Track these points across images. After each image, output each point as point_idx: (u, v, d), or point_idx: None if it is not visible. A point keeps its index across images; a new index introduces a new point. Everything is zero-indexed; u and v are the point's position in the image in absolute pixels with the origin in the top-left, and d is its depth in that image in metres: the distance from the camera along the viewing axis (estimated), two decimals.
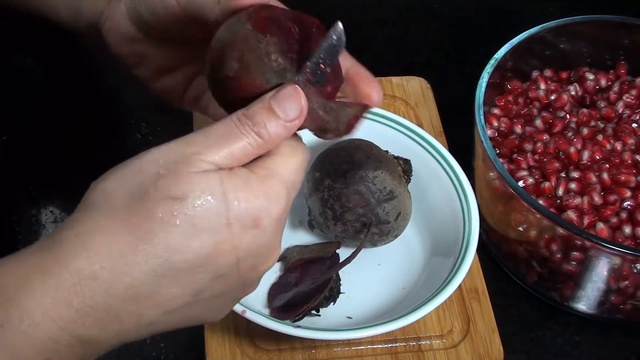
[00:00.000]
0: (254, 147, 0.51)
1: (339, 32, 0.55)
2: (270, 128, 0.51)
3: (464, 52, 1.04)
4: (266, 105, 0.51)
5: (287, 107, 0.51)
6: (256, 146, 0.51)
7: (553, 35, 0.88)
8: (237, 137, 0.50)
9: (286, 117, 0.51)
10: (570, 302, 0.80)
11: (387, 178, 0.74)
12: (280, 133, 0.51)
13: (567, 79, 0.91)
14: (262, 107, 0.51)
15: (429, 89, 0.94)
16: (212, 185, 0.48)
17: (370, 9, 1.09)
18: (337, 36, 0.55)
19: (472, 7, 1.11)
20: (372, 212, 0.73)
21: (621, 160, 0.81)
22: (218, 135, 0.50)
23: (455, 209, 0.77)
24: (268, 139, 0.51)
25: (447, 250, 0.76)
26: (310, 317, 0.73)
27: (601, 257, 0.73)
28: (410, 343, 0.75)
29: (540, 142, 0.83)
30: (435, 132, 0.89)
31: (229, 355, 0.73)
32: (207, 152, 0.49)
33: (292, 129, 0.52)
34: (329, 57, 0.55)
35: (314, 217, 0.77)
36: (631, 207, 0.78)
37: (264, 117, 0.51)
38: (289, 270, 0.77)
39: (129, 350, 0.76)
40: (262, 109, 0.51)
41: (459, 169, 0.78)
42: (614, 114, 0.86)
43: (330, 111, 0.55)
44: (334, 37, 0.55)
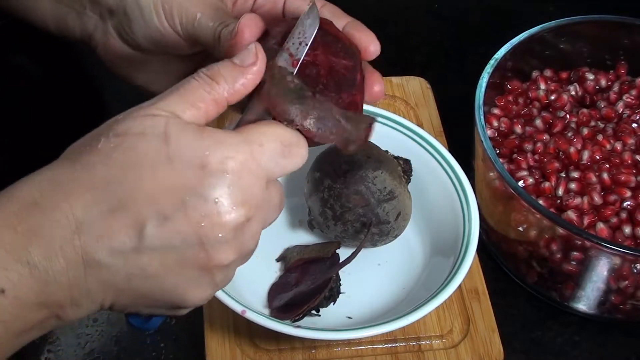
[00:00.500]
0: (210, 92, 0.51)
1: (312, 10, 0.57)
2: (224, 72, 0.51)
3: (464, 52, 1.04)
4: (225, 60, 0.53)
5: (244, 56, 0.52)
6: (212, 91, 0.51)
7: (553, 35, 0.88)
8: (193, 86, 0.51)
9: (241, 62, 0.52)
10: (570, 302, 0.80)
11: (387, 178, 0.74)
12: (234, 76, 0.51)
13: (567, 79, 0.91)
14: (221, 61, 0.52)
15: (429, 89, 0.94)
16: (155, 124, 0.49)
17: (370, 9, 1.09)
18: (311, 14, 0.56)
19: (472, 7, 1.11)
20: (372, 212, 0.73)
21: (621, 160, 0.81)
22: (176, 86, 0.51)
23: (455, 209, 0.77)
24: (222, 82, 0.51)
25: (447, 250, 0.76)
26: (310, 317, 0.73)
27: (601, 257, 0.73)
28: (410, 343, 0.75)
29: (540, 142, 0.83)
30: (435, 132, 0.89)
31: (229, 355, 0.73)
32: (162, 102, 0.50)
33: (246, 72, 0.52)
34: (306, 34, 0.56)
35: (314, 217, 0.77)
36: (631, 207, 0.78)
37: (219, 66, 0.52)
38: (289, 270, 0.77)
39: (129, 350, 0.76)
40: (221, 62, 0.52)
41: (459, 169, 0.78)
42: (614, 114, 0.86)
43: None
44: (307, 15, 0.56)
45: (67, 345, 0.76)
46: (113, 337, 0.77)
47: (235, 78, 0.52)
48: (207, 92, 0.51)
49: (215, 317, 0.75)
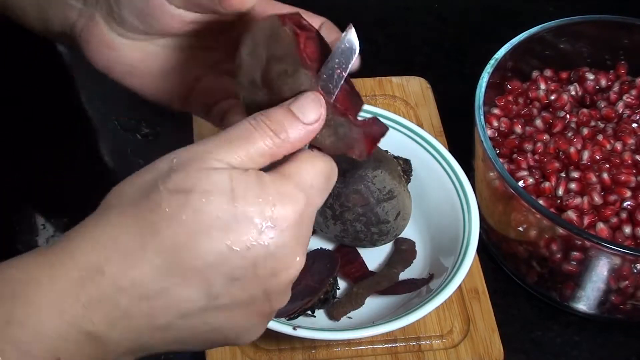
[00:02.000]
0: (271, 147, 0.49)
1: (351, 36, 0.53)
2: (288, 128, 0.50)
3: (464, 52, 1.04)
4: (285, 108, 0.50)
5: (306, 109, 0.50)
6: (273, 146, 0.49)
7: (553, 35, 0.88)
8: (254, 137, 0.49)
9: (304, 119, 0.50)
10: (570, 302, 0.80)
11: (386, 177, 0.74)
12: (298, 135, 0.50)
13: (567, 79, 0.91)
14: (281, 109, 0.50)
15: (429, 89, 0.94)
16: (219, 180, 0.47)
17: (370, 9, 1.09)
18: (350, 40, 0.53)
19: (472, 7, 1.11)
20: (372, 211, 0.73)
21: (621, 160, 0.81)
22: (234, 136, 0.49)
23: (455, 209, 0.77)
24: (285, 138, 0.49)
25: (447, 250, 0.76)
26: (306, 317, 0.73)
27: (601, 257, 0.73)
28: (410, 343, 0.75)
29: (540, 142, 0.83)
30: (435, 132, 0.89)
31: (229, 355, 0.73)
32: (221, 151, 0.48)
33: (311, 132, 0.50)
34: (343, 62, 0.53)
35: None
36: (631, 207, 0.78)
37: (281, 117, 0.50)
38: None
39: None
40: (281, 110, 0.50)
41: (459, 169, 0.78)
42: (614, 114, 0.86)
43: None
44: (346, 41, 0.53)
45: None
46: None
47: (297, 137, 0.50)
48: (268, 147, 0.49)
49: None
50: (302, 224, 0.49)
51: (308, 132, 0.50)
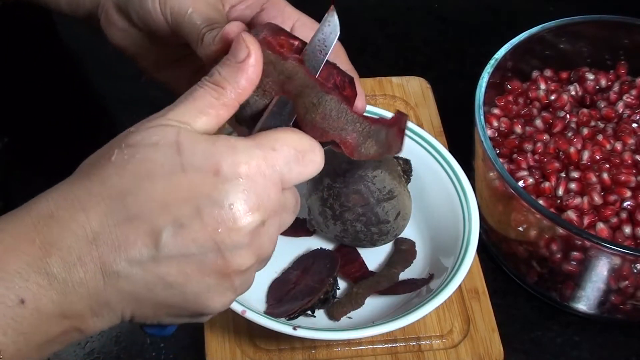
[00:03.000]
0: (216, 97, 0.51)
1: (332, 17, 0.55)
2: (225, 74, 0.52)
3: (464, 52, 1.04)
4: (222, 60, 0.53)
5: (235, 51, 0.52)
6: (217, 95, 0.51)
7: (553, 35, 0.88)
8: (198, 93, 0.51)
9: (236, 59, 0.52)
10: (570, 302, 0.80)
11: (386, 177, 0.74)
12: (235, 75, 0.51)
13: (567, 79, 0.91)
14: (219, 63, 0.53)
15: (429, 89, 0.94)
16: (167, 134, 0.49)
17: (370, 9, 1.09)
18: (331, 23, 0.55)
19: (472, 7, 1.11)
20: (372, 211, 0.73)
21: (621, 160, 0.81)
22: (184, 97, 0.52)
23: (455, 209, 0.77)
24: (226, 85, 0.51)
25: (447, 250, 0.76)
26: (306, 317, 0.73)
27: (601, 257, 0.73)
28: (410, 343, 0.75)
29: (540, 142, 0.83)
30: (435, 132, 0.89)
31: (229, 355, 0.73)
32: (172, 111, 0.51)
33: (247, 68, 0.52)
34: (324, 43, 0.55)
35: (313, 216, 0.77)
36: (631, 207, 0.78)
37: (217, 68, 0.52)
38: (291, 268, 0.77)
39: (129, 350, 0.76)
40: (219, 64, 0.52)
41: (459, 169, 0.78)
42: (614, 114, 0.86)
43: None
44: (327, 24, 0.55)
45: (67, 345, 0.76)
46: (113, 337, 0.77)
47: (237, 78, 0.52)
48: (215, 97, 0.51)
49: (215, 317, 0.74)
50: (254, 178, 0.50)
51: (245, 70, 0.52)
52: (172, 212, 0.48)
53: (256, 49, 0.52)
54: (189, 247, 0.49)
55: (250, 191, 0.49)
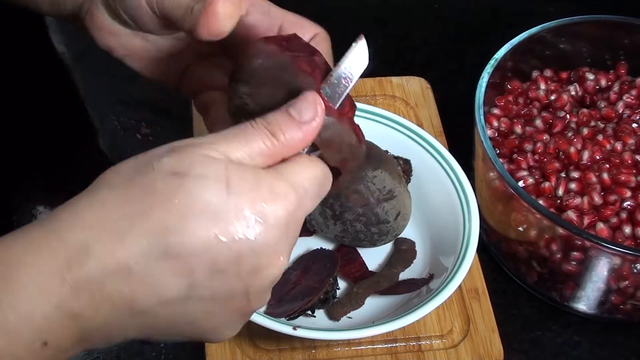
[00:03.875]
0: (269, 147, 0.49)
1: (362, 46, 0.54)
2: (285, 128, 0.50)
3: (464, 52, 1.04)
4: (282, 109, 0.50)
5: (302, 109, 0.50)
6: (271, 146, 0.49)
7: (553, 35, 0.88)
8: (252, 137, 0.49)
9: (301, 118, 0.50)
10: (570, 302, 0.80)
11: (386, 177, 0.74)
12: (295, 135, 0.50)
13: (567, 79, 0.91)
14: (278, 111, 0.50)
15: (429, 89, 0.94)
16: (216, 167, 0.47)
17: (370, 9, 1.09)
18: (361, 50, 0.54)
19: (472, 7, 1.11)
20: (372, 211, 0.73)
21: (621, 160, 0.81)
22: (233, 133, 0.49)
23: (455, 209, 0.77)
24: (282, 139, 0.49)
25: (447, 250, 0.76)
26: (306, 317, 0.73)
27: (601, 257, 0.73)
28: (410, 343, 0.75)
29: (540, 142, 0.83)
30: (435, 132, 0.89)
31: (229, 355, 0.73)
32: (220, 144, 0.48)
33: (308, 131, 0.50)
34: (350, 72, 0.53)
35: (313, 217, 0.77)
36: (631, 207, 0.78)
37: (278, 119, 0.50)
38: (291, 268, 0.77)
39: (129, 350, 0.76)
40: (278, 112, 0.50)
41: (459, 169, 0.78)
42: (614, 114, 0.86)
43: None
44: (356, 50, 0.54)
45: None
46: None
47: (294, 135, 0.50)
48: (267, 146, 0.49)
49: None
50: (290, 224, 0.49)
51: (305, 132, 0.50)
52: (212, 255, 0.47)
53: (322, 114, 0.51)
54: (220, 290, 0.48)
55: (284, 238, 0.49)
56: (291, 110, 0.50)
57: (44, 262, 0.45)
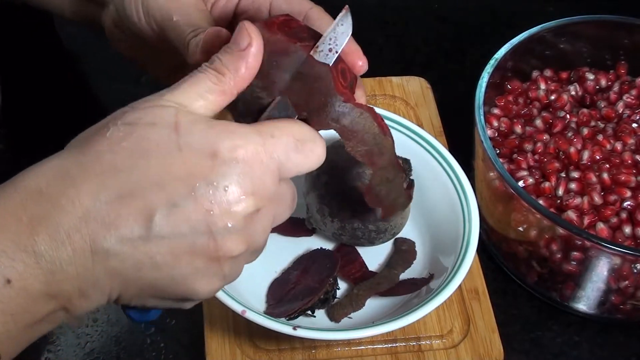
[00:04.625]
0: (215, 82, 0.51)
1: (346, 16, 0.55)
2: (226, 61, 0.51)
3: (464, 52, 1.04)
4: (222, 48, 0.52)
5: (237, 39, 0.52)
6: (218, 82, 0.51)
7: (553, 35, 0.88)
8: (198, 78, 0.51)
9: (238, 47, 0.52)
10: (570, 302, 0.80)
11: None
12: (237, 64, 0.51)
13: (567, 79, 0.91)
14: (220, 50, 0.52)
15: (429, 89, 0.94)
16: (165, 114, 0.49)
17: (370, 9, 1.09)
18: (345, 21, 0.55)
19: (472, 7, 1.11)
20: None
21: (621, 160, 0.81)
22: (182, 82, 0.51)
23: (455, 209, 0.77)
24: (227, 73, 0.51)
25: (447, 250, 0.76)
26: (306, 317, 0.73)
27: (601, 257, 0.73)
28: (410, 343, 0.75)
29: (540, 142, 0.83)
30: (435, 132, 0.89)
31: (229, 355, 0.73)
32: (170, 93, 0.50)
33: (249, 58, 0.51)
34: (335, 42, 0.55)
35: (311, 214, 0.77)
36: (631, 207, 0.78)
37: (219, 56, 0.52)
38: (291, 268, 0.77)
39: (129, 350, 0.76)
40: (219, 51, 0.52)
41: (459, 169, 0.78)
42: (614, 114, 0.86)
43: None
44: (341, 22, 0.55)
45: (67, 345, 0.76)
46: (113, 337, 0.77)
47: (237, 65, 0.51)
48: (214, 83, 0.51)
49: (215, 317, 0.75)
50: (251, 163, 0.49)
51: (246, 58, 0.51)
52: (166, 192, 0.48)
53: (257, 38, 0.52)
54: (180, 227, 0.48)
55: (247, 176, 0.49)
56: (229, 44, 0.52)
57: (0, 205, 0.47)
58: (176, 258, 0.49)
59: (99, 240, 0.47)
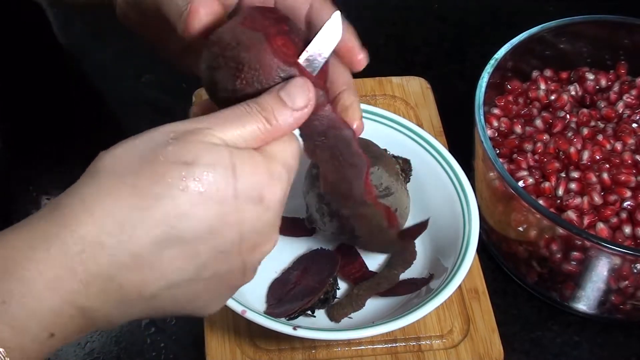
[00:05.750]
0: (262, 132, 0.51)
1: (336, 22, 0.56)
2: (278, 115, 0.51)
3: (464, 52, 1.04)
4: (274, 94, 0.52)
5: (294, 95, 0.52)
6: (264, 131, 0.51)
7: (553, 35, 0.88)
8: (247, 120, 0.51)
9: (294, 105, 0.52)
10: (570, 302, 0.80)
11: (383, 174, 0.74)
12: (288, 121, 0.52)
13: (567, 79, 0.91)
14: (270, 95, 0.52)
15: (429, 89, 0.94)
16: (221, 155, 0.48)
17: (370, 9, 1.09)
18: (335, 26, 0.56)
19: (472, 7, 1.11)
20: None
21: (621, 160, 0.81)
22: (228, 117, 0.51)
23: (455, 209, 0.77)
24: (276, 125, 0.51)
25: (447, 250, 0.76)
26: (306, 317, 0.73)
27: (601, 257, 0.73)
28: (410, 343, 0.75)
29: (540, 142, 0.83)
30: (435, 132, 0.89)
31: (229, 355, 0.73)
32: (218, 129, 0.50)
33: (300, 117, 0.52)
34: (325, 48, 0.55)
35: (310, 213, 0.77)
36: (631, 207, 0.78)
37: (272, 104, 0.51)
38: (291, 268, 0.77)
39: (129, 350, 0.76)
40: (270, 97, 0.52)
41: (459, 169, 0.78)
42: (614, 114, 0.86)
43: None
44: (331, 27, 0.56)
45: (67, 345, 0.76)
46: (113, 337, 0.77)
47: (286, 121, 0.52)
48: (260, 130, 0.51)
49: (215, 317, 0.75)
50: (283, 201, 0.52)
51: (297, 118, 0.52)
52: (218, 238, 0.49)
53: (313, 100, 0.53)
54: (221, 268, 0.50)
55: (279, 214, 0.52)
56: (283, 95, 0.52)
57: (54, 257, 0.45)
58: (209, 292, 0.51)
59: (149, 286, 0.48)
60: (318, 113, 0.55)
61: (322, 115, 0.56)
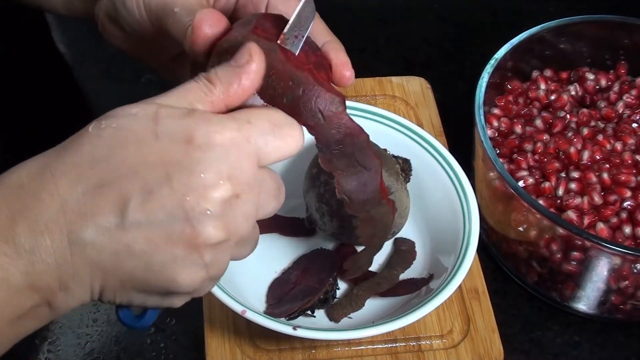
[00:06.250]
0: (207, 93, 0.51)
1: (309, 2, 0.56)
2: (221, 74, 0.51)
3: (464, 52, 1.04)
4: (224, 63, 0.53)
5: (237, 54, 0.52)
6: (209, 93, 0.51)
7: (553, 35, 0.88)
8: (191, 86, 0.51)
9: (236, 62, 0.52)
10: (570, 302, 0.80)
11: (383, 174, 0.73)
12: (232, 79, 0.51)
13: (567, 79, 0.91)
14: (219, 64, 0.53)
15: (429, 89, 0.94)
16: (146, 107, 0.50)
17: (370, 9, 1.09)
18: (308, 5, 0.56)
19: (472, 7, 1.11)
20: None
21: (621, 160, 0.81)
22: (174, 89, 0.52)
23: (455, 209, 0.77)
24: (219, 85, 0.51)
25: (447, 250, 0.76)
26: (306, 317, 0.73)
27: (601, 257, 0.73)
28: (410, 343, 0.75)
29: (540, 142, 0.83)
30: (435, 132, 0.89)
31: (229, 355, 0.73)
32: (161, 98, 0.51)
33: (241, 74, 0.51)
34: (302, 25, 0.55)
35: (310, 213, 0.77)
36: (631, 207, 0.78)
37: (217, 69, 0.52)
38: (291, 268, 0.77)
39: (129, 350, 0.76)
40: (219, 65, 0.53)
41: (459, 169, 0.78)
42: (614, 114, 0.86)
43: None
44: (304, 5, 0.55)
45: (67, 345, 0.76)
46: (113, 337, 0.77)
47: (230, 79, 0.51)
48: (205, 93, 0.51)
49: (215, 317, 0.75)
50: (227, 148, 0.49)
51: (239, 75, 0.51)
52: (141, 179, 0.48)
53: (259, 58, 0.52)
54: (156, 214, 0.48)
55: (222, 161, 0.49)
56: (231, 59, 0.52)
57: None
58: (153, 246, 0.48)
59: (76, 230, 0.47)
60: (334, 122, 0.55)
61: (340, 123, 0.55)
